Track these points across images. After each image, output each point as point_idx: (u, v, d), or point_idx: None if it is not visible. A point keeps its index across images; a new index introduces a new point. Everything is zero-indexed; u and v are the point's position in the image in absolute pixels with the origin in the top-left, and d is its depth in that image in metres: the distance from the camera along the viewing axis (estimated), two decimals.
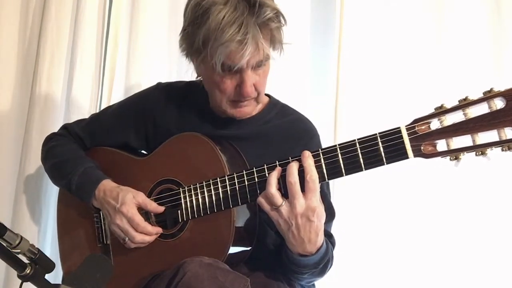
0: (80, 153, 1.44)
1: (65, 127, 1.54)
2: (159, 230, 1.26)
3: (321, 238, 1.11)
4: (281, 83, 1.50)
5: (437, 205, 1.69)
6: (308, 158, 1.06)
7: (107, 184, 1.30)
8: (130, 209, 1.23)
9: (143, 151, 1.45)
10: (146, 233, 1.24)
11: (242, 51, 1.10)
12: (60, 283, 0.89)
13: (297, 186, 1.04)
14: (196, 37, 1.16)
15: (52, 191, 1.89)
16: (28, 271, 0.91)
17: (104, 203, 1.28)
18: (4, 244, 0.90)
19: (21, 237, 0.92)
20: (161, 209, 1.26)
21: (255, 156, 1.28)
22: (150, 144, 1.39)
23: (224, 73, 1.18)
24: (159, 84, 1.45)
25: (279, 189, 1.08)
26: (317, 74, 1.87)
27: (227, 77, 1.19)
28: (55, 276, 1.55)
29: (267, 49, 1.15)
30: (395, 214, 1.72)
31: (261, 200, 1.08)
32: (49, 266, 0.95)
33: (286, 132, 1.34)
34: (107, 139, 1.45)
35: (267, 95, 1.40)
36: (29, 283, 0.92)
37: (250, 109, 1.28)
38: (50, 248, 1.88)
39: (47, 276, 0.94)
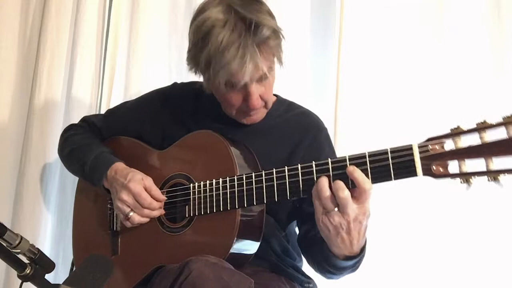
0: (96, 140, 1.47)
1: (84, 119, 1.58)
2: (162, 210, 1.28)
3: (365, 237, 1.10)
4: (281, 83, 1.50)
5: (443, 218, 1.67)
6: (356, 171, 1.02)
7: (120, 165, 1.33)
8: (137, 185, 1.26)
9: (157, 145, 1.46)
10: (151, 209, 1.27)
11: (241, 71, 1.13)
12: (60, 283, 0.89)
13: (349, 198, 1.02)
14: (199, 59, 1.19)
15: (52, 191, 1.89)
16: (28, 271, 0.91)
17: (113, 181, 1.31)
18: (4, 244, 0.90)
19: (21, 237, 0.92)
20: (163, 198, 1.28)
21: (265, 151, 1.30)
22: (165, 141, 1.41)
23: (229, 90, 1.21)
24: (175, 83, 1.48)
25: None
26: (317, 75, 1.87)
27: (233, 93, 1.22)
28: (55, 276, 1.55)
29: (266, 67, 1.17)
30: (394, 220, 1.71)
31: (315, 202, 1.06)
32: (49, 266, 0.95)
33: (294, 125, 1.37)
34: (124, 133, 1.48)
35: (274, 95, 1.42)
36: (29, 283, 0.92)
37: (260, 116, 1.31)
38: (50, 248, 1.88)
39: (47, 276, 0.94)
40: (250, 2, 1.17)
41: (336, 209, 1.03)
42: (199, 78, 1.31)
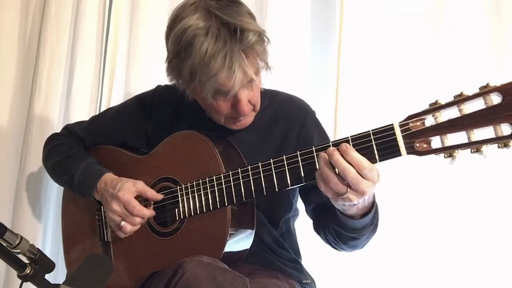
0: (81, 151, 1.46)
1: (66, 127, 1.56)
2: (153, 212, 1.27)
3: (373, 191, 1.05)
4: (281, 82, 1.51)
5: (432, 202, 1.69)
6: (355, 158, 0.97)
7: (109, 176, 1.32)
8: (126, 193, 1.24)
9: (143, 150, 1.45)
10: (141, 216, 1.25)
11: (231, 81, 1.09)
12: (60, 283, 0.89)
13: (358, 177, 0.96)
14: (182, 70, 1.15)
15: (52, 191, 1.89)
16: (28, 271, 0.91)
17: (103, 192, 1.29)
18: (4, 244, 0.90)
19: (21, 237, 0.93)
20: (159, 196, 1.27)
21: (255, 145, 1.29)
22: (150, 145, 1.40)
23: (217, 99, 1.18)
24: (158, 86, 1.46)
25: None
26: (317, 74, 1.87)
27: (221, 101, 1.19)
28: (55, 276, 1.55)
29: (253, 71, 1.13)
30: (390, 212, 1.71)
31: (324, 189, 1.01)
32: (49, 266, 0.95)
33: (280, 113, 1.34)
34: (107, 140, 1.46)
35: None
36: (29, 283, 0.92)
37: (249, 120, 1.28)
38: (50, 248, 1.88)
39: (47, 276, 0.94)
40: (228, 5, 1.12)
41: (349, 189, 0.97)
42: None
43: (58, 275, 1.55)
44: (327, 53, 1.85)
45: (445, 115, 0.93)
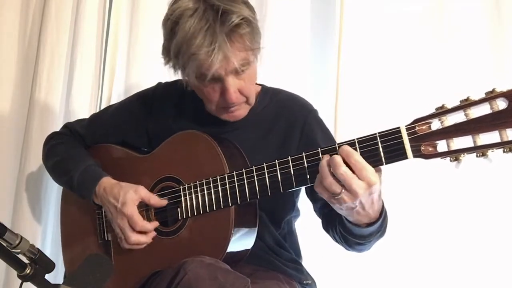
0: (81, 151, 1.45)
1: (66, 126, 1.56)
2: (156, 224, 1.27)
3: (381, 199, 1.05)
4: (281, 82, 1.51)
5: (437, 205, 1.69)
6: (345, 150, 0.98)
7: (107, 181, 1.31)
8: (130, 207, 1.24)
9: (144, 149, 1.46)
10: (145, 231, 1.25)
11: (209, 60, 1.09)
12: (60, 283, 0.89)
13: (349, 173, 0.96)
14: (170, 51, 1.17)
15: (52, 191, 1.89)
16: (28, 271, 0.90)
17: (105, 201, 1.29)
18: (4, 244, 0.90)
19: (21, 237, 0.92)
20: (164, 202, 1.26)
21: (255, 144, 1.28)
22: (151, 143, 1.40)
23: (202, 82, 1.17)
24: (159, 84, 1.46)
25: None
26: (317, 73, 1.87)
27: (208, 86, 1.19)
28: (55, 276, 1.55)
29: (239, 60, 1.13)
30: (394, 215, 1.71)
31: (320, 190, 1.02)
32: (49, 266, 0.95)
33: (281, 112, 1.34)
34: (107, 138, 1.46)
35: (259, 84, 1.40)
36: (29, 283, 0.92)
37: (243, 112, 1.27)
38: (50, 248, 1.88)
39: (47, 276, 0.94)
40: None
41: (343, 190, 0.97)
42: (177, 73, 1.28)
43: (58, 275, 1.55)
44: (327, 52, 1.85)
45: (451, 119, 0.93)
